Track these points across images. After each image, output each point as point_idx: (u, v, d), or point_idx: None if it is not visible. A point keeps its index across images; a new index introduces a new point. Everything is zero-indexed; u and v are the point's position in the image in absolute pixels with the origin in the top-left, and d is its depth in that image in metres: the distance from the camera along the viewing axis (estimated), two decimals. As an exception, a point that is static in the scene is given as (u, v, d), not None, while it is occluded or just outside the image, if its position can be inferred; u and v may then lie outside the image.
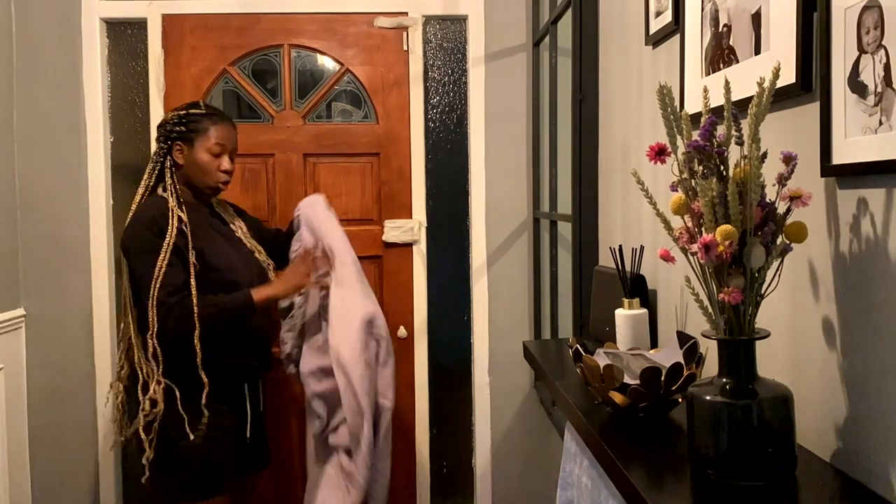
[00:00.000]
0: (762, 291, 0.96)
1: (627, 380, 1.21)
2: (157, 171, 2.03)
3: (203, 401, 1.93)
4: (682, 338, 1.29)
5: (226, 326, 1.97)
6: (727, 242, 0.91)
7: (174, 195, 1.98)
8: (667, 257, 1.06)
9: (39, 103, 2.69)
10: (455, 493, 2.93)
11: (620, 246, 1.62)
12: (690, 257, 0.99)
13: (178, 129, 2.02)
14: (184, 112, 2.04)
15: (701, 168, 0.96)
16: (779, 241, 0.95)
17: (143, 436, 1.91)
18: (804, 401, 1.01)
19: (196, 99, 2.70)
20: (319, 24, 2.77)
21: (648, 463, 1.07)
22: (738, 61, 1.20)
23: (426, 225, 2.82)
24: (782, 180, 0.95)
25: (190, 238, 1.93)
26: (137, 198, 2.02)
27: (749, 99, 0.94)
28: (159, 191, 2.01)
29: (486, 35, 2.79)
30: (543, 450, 2.76)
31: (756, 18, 1.15)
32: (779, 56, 1.06)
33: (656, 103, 1.03)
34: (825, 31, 0.97)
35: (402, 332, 2.81)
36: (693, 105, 1.35)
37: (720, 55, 1.26)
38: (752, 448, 0.92)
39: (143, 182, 2.04)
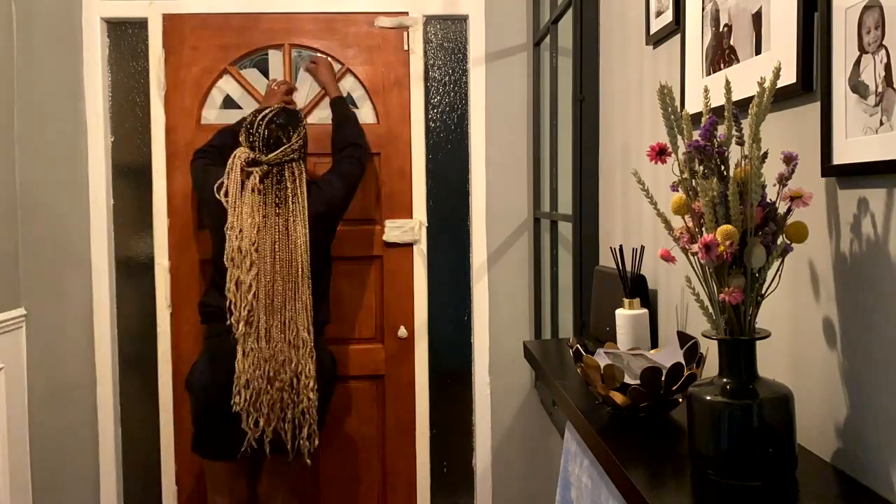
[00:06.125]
0: (763, 291, 0.96)
1: (628, 380, 1.21)
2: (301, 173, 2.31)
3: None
4: (683, 338, 1.29)
5: None
6: (728, 242, 0.91)
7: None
8: (667, 257, 1.06)
9: (40, 103, 2.69)
10: (455, 493, 2.93)
11: (621, 246, 1.62)
12: (691, 257, 0.99)
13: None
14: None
15: (701, 168, 0.96)
16: (779, 241, 0.95)
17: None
18: (805, 401, 1.01)
19: (196, 98, 2.73)
20: (320, 24, 2.77)
21: (648, 463, 1.07)
22: (738, 61, 1.20)
23: (426, 225, 2.82)
24: (783, 180, 0.95)
25: None
26: (305, 185, 2.30)
27: (750, 99, 0.94)
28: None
29: (487, 35, 2.79)
30: (543, 450, 2.76)
31: (757, 18, 1.15)
32: (779, 56, 1.06)
33: (657, 103, 1.03)
34: (826, 31, 0.97)
35: (402, 332, 2.81)
36: (694, 105, 1.35)
37: (721, 55, 1.26)
38: (752, 448, 0.92)
39: (296, 178, 2.29)
